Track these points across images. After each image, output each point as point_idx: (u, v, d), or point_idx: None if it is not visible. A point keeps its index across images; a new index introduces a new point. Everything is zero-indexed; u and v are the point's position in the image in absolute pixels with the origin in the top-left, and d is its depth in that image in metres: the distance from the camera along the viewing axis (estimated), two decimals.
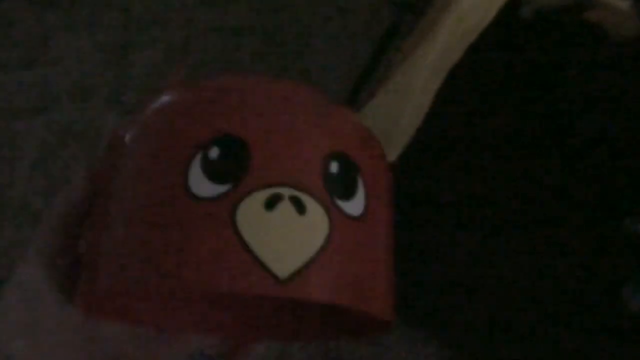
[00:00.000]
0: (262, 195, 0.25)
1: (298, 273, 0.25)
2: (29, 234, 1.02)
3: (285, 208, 0.25)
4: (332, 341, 0.86)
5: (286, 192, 0.25)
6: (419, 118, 0.87)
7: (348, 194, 0.27)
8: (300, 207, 0.25)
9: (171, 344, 0.34)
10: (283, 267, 0.24)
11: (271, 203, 0.25)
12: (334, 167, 0.27)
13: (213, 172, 0.26)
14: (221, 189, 0.25)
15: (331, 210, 0.26)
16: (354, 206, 0.27)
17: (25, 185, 1.07)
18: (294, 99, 0.28)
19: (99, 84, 1.22)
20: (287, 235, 0.25)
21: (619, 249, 0.76)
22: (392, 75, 0.85)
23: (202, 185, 0.25)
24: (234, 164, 0.26)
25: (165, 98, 0.29)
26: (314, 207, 0.26)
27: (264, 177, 0.25)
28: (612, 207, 0.78)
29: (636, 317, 0.73)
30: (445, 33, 0.81)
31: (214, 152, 0.26)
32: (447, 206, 0.82)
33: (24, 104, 1.17)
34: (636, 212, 0.77)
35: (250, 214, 0.25)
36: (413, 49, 0.85)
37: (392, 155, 0.85)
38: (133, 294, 0.33)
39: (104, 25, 1.26)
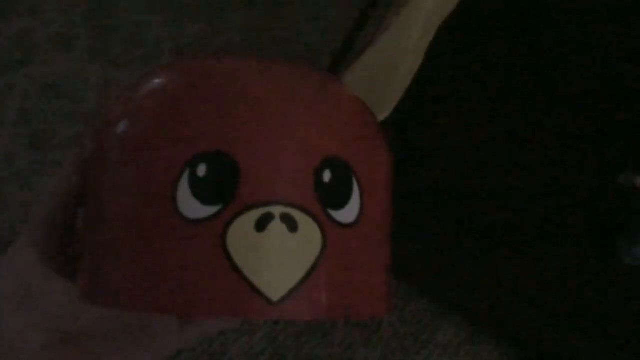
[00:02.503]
0: (252, 217, 0.24)
1: (290, 294, 0.24)
2: (13, 190, 1.01)
3: (276, 228, 0.24)
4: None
5: (277, 210, 0.24)
6: (411, 75, 0.86)
7: (342, 202, 0.26)
8: (292, 225, 0.25)
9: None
10: (275, 289, 0.24)
11: (262, 224, 0.24)
12: (326, 176, 0.26)
13: (202, 193, 0.24)
14: (211, 210, 0.24)
15: (324, 224, 0.25)
16: (348, 212, 0.26)
17: (8, 141, 1.05)
18: (283, 100, 0.26)
19: (81, 34, 1.18)
20: (279, 256, 0.24)
21: (614, 204, 0.76)
22: (383, 32, 0.83)
23: (191, 206, 0.24)
24: (223, 184, 0.24)
25: (146, 94, 0.27)
26: (306, 223, 0.25)
27: (254, 196, 0.24)
28: (606, 162, 0.78)
29: (630, 270, 0.74)
30: None
31: (202, 170, 0.25)
32: (439, 159, 0.82)
33: (3, 58, 1.13)
34: (630, 167, 0.77)
35: (241, 237, 0.24)
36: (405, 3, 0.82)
37: (386, 112, 0.84)
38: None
39: None
